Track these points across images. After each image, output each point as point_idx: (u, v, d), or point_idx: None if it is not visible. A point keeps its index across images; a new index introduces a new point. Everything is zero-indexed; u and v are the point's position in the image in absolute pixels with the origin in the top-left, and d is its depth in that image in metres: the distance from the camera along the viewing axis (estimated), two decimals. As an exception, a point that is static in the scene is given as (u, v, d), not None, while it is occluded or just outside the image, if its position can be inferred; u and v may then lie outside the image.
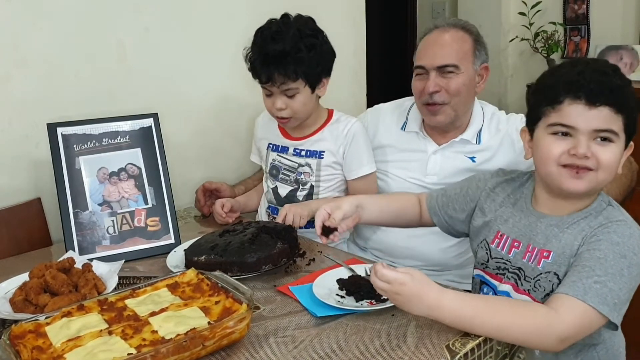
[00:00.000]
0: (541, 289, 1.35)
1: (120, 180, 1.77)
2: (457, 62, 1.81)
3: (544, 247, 1.36)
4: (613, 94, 1.27)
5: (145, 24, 2.11)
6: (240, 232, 1.63)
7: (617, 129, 1.28)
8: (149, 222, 1.77)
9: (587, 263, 1.24)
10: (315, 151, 1.91)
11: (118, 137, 1.79)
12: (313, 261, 1.66)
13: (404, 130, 1.99)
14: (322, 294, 1.41)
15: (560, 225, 1.36)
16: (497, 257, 1.46)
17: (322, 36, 1.82)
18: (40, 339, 1.18)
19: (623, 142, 1.30)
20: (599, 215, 1.34)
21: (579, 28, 4.01)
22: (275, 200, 1.98)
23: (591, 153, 1.27)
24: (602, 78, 1.28)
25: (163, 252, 1.72)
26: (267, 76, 1.76)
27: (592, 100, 1.26)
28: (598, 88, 1.26)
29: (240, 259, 1.53)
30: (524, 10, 3.92)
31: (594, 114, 1.26)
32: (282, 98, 1.80)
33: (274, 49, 1.72)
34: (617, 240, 1.26)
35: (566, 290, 1.22)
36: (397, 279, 1.20)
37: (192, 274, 1.42)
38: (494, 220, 1.50)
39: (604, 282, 1.21)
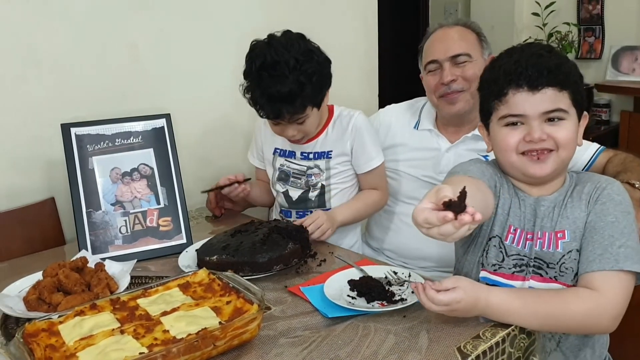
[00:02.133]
0: (568, 271, 1.34)
1: (132, 180, 1.78)
2: (469, 51, 1.87)
3: (554, 229, 1.37)
4: (552, 74, 1.31)
5: (158, 24, 2.13)
6: (252, 232, 1.64)
7: (565, 105, 1.32)
8: (161, 222, 1.78)
9: (605, 232, 1.28)
10: (322, 152, 1.91)
11: (131, 137, 1.80)
12: (324, 262, 1.65)
13: (417, 129, 2.01)
14: (333, 294, 1.41)
15: (557, 203, 1.38)
16: (514, 254, 1.40)
17: (318, 54, 1.76)
18: (53, 338, 1.19)
19: (575, 116, 1.35)
20: (584, 182, 1.38)
21: (593, 28, 3.99)
22: (287, 203, 1.97)
23: (546, 135, 1.32)
24: (539, 61, 1.31)
25: (175, 252, 1.73)
26: (275, 114, 1.74)
27: (534, 84, 1.30)
28: (536, 72, 1.30)
29: (251, 259, 1.53)
30: (538, 11, 3.90)
31: (539, 98, 1.30)
32: (292, 126, 1.79)
33: (278, 90, 1.68)
34: (618, 199, 1.31)
35: (599, 266, 1.25)
36: (454, 299, 1.20)
37: (203, 274, 1.43)
38: (504, 215, 1.43)
39: (626, 243, 1.26)
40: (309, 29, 1.83)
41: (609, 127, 3.81)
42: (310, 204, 1.93)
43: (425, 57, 1.93)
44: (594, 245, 1.28)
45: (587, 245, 1.30)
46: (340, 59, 1.80)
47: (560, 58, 1.34)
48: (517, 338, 1.29)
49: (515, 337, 1.28)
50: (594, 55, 4.01)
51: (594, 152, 1.83)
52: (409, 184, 1.98)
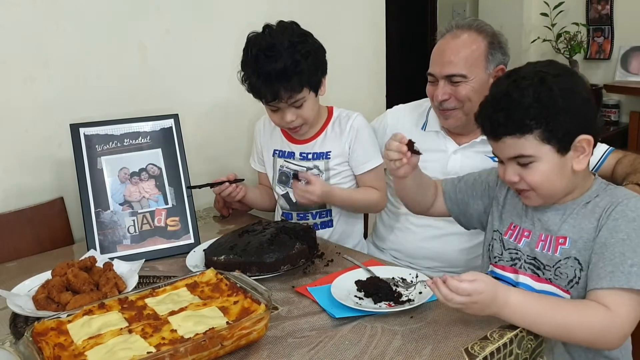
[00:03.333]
0: (563, 275, 1.35)
1: (141, 180, 1.79)
2: (466, 72, 1.79)
3: (558, 233, 1.37)
4: (507, 124, 1.29)
5: (166, 25, 2.13)
6: (260, 233, 1.64)
7: (530, 150, 1.29)
8: (169, 222, 1.79)
9: (616, 249, 1.25)
10: (321, 153, 1.91)
11: (139, 137, 1.81)
12: (331, 262, 1.66)
13: (424, 130, 1.99)
14: (340, 295, 1.41)
15: (567, 210, 1.37)
16: (510, 247, 1.46)
17: (311, 38, 1.79)
18: (62, 337, 1.19)
19: (551, 152, 1.29)
20: (604, 196, 1.35)
21: (603, 29, 3.97)
22: (289, 205, 1.97)
23: (518, 177, 1.34)
24: (498, 107, 1.30)
25: (183, 252, 1.73)
26: (273, 95, 1.74)
27: (493, 135, 1.33)
28: (490, 124, 1.32)
29: (259, 259, 1.53)
30: (546, 11, 3.88)
31: (501, 146, 1.33)
32: (291, 110, 1.79)
33: (273, 67, 1.70)
34: (632, 216, 1.28)
35: (609, 284, 1.23)
36: (476, 289, 1.19)
37: (211, 273, 1.43)
38: (505, 211, 1.50)
39: (638, 262, 1.23)
40: (317, 29, 1.84)
41: (618, 128, 3.78)
42: (310, 206, 1.93)
43: (430, 64, 1.89)
44: (605, 262, 1.25)
45: (598, 261, 1.27)
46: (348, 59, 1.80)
47: (535, 92, 1.26)
48: (525, 340, 1.29)
49: (522, 339, 1.28)
50: (603, 56, 3.99)
51: (603, 153, 1.81)
52: None
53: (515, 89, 1.28)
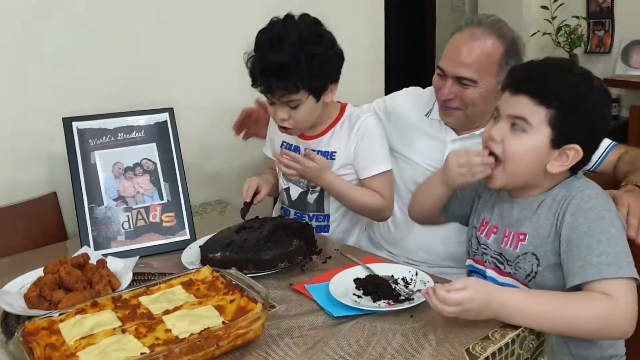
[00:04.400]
0: (521, 270, 1.37)
1: (135, 175, 1.76)
2: (477, 77, 1.73)
3: (519, 230, 1.38)
4: (538, 85, 1.29)
5: (161, 16, 2.10)
6: (257, 229, 1.61)
7: (533, 119, 1.28)
8: (164, 218, 1.76)
9: (581, 243, 1.25)
10: (326, 152, 1.83)
11: (133, 131, 1.78)
12: (330, 259, 1.63)
13: (428, 116, 1.95)
14: (338, 293, 1.38)
15: (529, 207, 1.38)
16: (482, 243, 1.48)
17: (327, 41, 1.68)
18: (53, 336, 1.16)
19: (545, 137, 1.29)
20: (561, 188, 1.35)
21: (603, 22, 3.94)
22: (288, 201, 1.93)
23: (500, 137, 1.32)
24: (539, 70, 1.33)
25: (178, 248, 1.70)
26: (267, 87, 1.67)
27: (517, 86, 1.31)
28: (523, 78, 1.32)
29: (255, 256, 1.51)
30: (546, 4, 3.86)
31: (514, 100, 1.31)
32: (284, 109, 1.70)
33: (272, 59, 1.62)
34: (587, 206, 1.27)
35: (582, 279, 1.22)
36: (466, 298, 1.17)
37: (207, 271, 1.40)
38: (481, 208, 1.51)
39: (606, 250, 1.22)
40: (315, 22, 1.79)
41: (618, 122, 3.76)
42: (308, 207, 1.87)
43: (442, 56, 1.83)
44: (574, 259, 1.25)
45: (568, 259, 1.27)
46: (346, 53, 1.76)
47: (578, 83, 1.29)
48: (527, 339, 1.27)
49: (524, 339, 1.26)
50: (604, 50, 3.97)
51: (605, 148, 1.78)
52: (409, 170, 1.94)
53: (563, 66, 1.32)
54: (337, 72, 1.74)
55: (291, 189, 1.90)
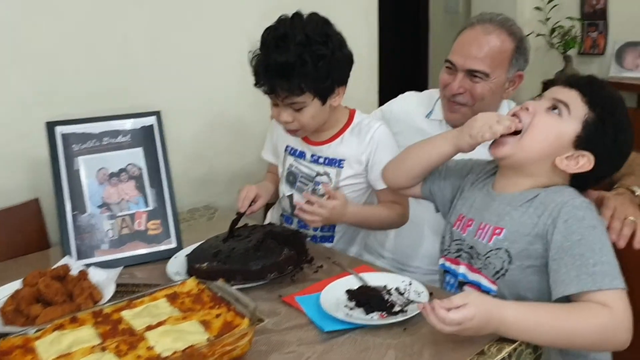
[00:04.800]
0: (491, 266, 1.34)
1: (120, 181, 1.70)
2: (489, 70, 1.73)
3: (497, 224, 1.36)
4: (590, 84, 1.35)
5: (149, 18, 2.04)
6: (245, 238, 1.56)
7: (574, 105, 1.31)
8: (149, 226, 1.70)
9: (575, 251, 1.22)
10: (334, 159, 1.76)
11: (119, 136, 1.72)
12: (321, 268, 1.58)
13: (429, 117, 1.94)
14: (329, 305, 1.33)
15: (512, 203, 1.36)
16: (457, 238, 1.46)
17: (336, 42, 1.62)
18: (28, 355, 1.10)
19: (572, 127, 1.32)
20: (549, 192, 1.33)
21: (597, 24, 3.91)
22: (291, 209, 1.85)
23: (534, 109, 1.35)
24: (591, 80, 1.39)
25: (164, 257, 1.65)
26: (270, 88, 1.60)
27: (569, 83, 1.36)
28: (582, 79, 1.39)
29: (244, 267, 1.45)
30: (540, 5, 3.83)
31: (564, 90, 1.36)
32: (288, 111, 1.64)
33: (276, 59, 1.55)
34: (580, 215, 1.26)
35: (577, 288, 1.19)
36: (466, 317, 1.12)
37: (192, 283, 1.35)
38: (460, 204, 1.49)
39: (600, 260, 1.20)
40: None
41: (613, 124, 3.73)
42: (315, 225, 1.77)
43: (451, 51, 1.81)
44: (567, 267, 1.22)
45: (559, 267, 1.23)
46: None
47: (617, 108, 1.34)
48: (524, 353, 1.23)
49: (521, 353, 1.22)
50: (598, 51, 3.94)
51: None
52: None
53: (616, 92, 1.37)
54: (345, 74, 1.68)
55: (295, 196, 1.83)
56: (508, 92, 1.84)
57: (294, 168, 1.83)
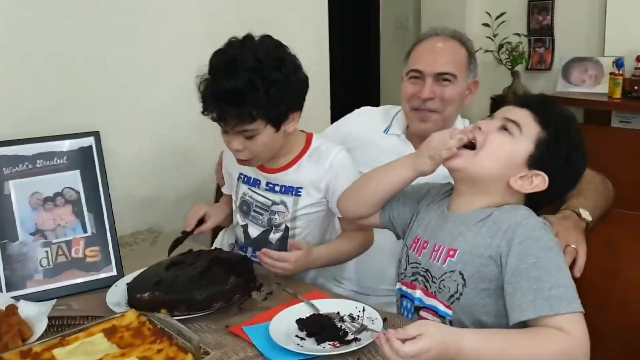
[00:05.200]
0: (446, 289, 1.29)
1: (56, 206, 1.60)
2: (456, 72, 1.77)
3: (450, 245, 1.32)
4: (537, 102, 1.34)
5: (89, 35, 1.95)
6: (189, 265, 1.48)
7: (523, 123, 1.30)
8: (87, 253, 1.60)
9: (531, 274, 1.18)
10: (291, 187, 1.67)
11: (54, 158, 1.62)
12: (270, 295, 1.50)
13: (387, 133, 1.92)
14: (279, 336, 1.26)
15: (466, 223, 1.32)
16: (413, 262, 1.40)
17: (290, 66, 1.53)
18: (-56, 405, 1.00)
19: (525, 148, 1.29)
20: (504, 213, 1.29)
21: (544, 39, 3.98)
22: (244, 240, 1.76)
23: (487, 129, 1.32)
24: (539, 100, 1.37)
25: (103, 286, 1.55)
26: (219, 115, 1.51)
27: (522, 103, 1.34)
28: (533, 101, 1.35)
29: (187, 296, 1.37)
30: (488, 22, 3.86)
31: (515, 110, 1.34)
32: (239, 139, 1.54)
33: (225, 85, 1.45)
34: (536, 235, 1.22)
35: (534, 313, 1.15)
36: (422, 349, 1.06)
37: (132, 315, 1.26)
38: (416, 226, 1.45)
39: (557, 283, 1.17)
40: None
41: (560, 139, 3.78)
42: (270, 248, 1.67)
43: (411, 62, 1.82)
44: (524, 291, 1.18)
45: (515, 290, 1.19)
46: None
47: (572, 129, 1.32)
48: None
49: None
50: (545, 66, 4.00)
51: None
52: None
53: (568, 112, 1.34)
54: (300, 99, 1.59)
55: (250, 227, 1.74)
56: (468, 100, 1.85)
57: (248, 197, 1.74)
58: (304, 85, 1.59)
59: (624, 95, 3.39)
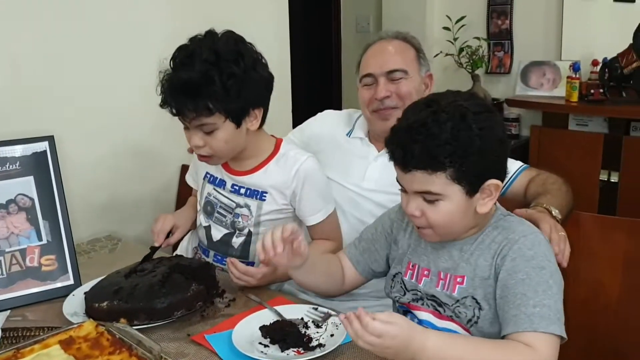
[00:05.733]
0: (462, 314, 1.27)
1: (9, 213, 1.54)
2: (406, 67, 1.79)
3: (456, 272, 1.30)
4: (422, 157, 1.19)
5: (41, 34, 1.89)
6: (150, 272, 1.44)
7: (438, 188, 1.20)
8: (43, 261, 1.55)
9: (517, 290, 1.18)
10: (256, 191, 1.66)
11: (7, 164, 1.56)
12: (233, 301, 1.48)
13: (349, 136, 1.93)
14: (242, 344, 1.24)
15: (463, 248, 1.30)
16: (412, 289, 1.37)
17: (249, 61, 1.52)
18: None
19: (460, 192, 1.21)
20: (500, 229, 1.28)
21: (503, 43, 4.03)
22: (207, 242, 1.74)
23: (420, 212, 1.25)
24: (410, 139, 1.19)
25: (60, 296, 1.51)
26: (177, 109, 1.50)
27: (403, 165, 1.22)
28: (402, 154, 1.21)
29: (148, 305, 1.34)
30: (449, 25, 3.89)
31: (409, 177, 1.23)
32: (199, 134, 1.53)
33: (181, 77, 1.46)
34: (530, 254, 1.21)
35: (514, 328, 1.15)
36: (389, 333, 1.06)
37: (90, 326, 1.23)
38: (405, 252, 1.41)
39: (541, 302, 1.15)
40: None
41: (519, 141, 3.83)
42: (232, 252, 1.69)
43: (362, 69, 1.86)
44: (509, 306, 1.18)
45: (503, 305, 1.20)
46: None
47: (454, 129, 1.17)
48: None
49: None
50: (504, 70, 4.04)
51: (515, 171, 1.76)
52: (335, 193, 1.84)
53: (434, 122, 1.18)
54: (261, 96, 1.58)
55: (212, 228, 1.72)
56: (427, 94, 1.85)
57: (212, 197, 1.72)
58: (265, 82, 1.58)
59: (581, 99, 3.45)
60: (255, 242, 1.67)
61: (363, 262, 1.49)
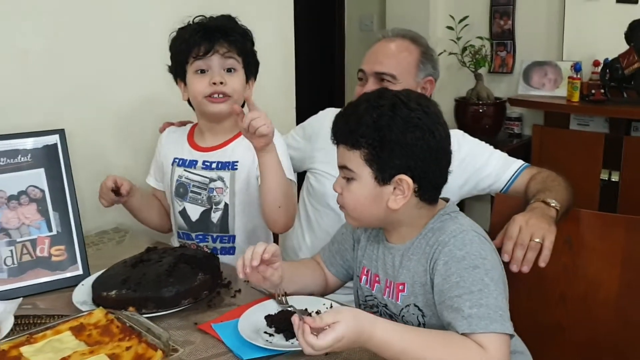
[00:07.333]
0: (409, 323, 1.28)
1: (20, 204, 1.58)
2: (396, 73, 1.81)
3: (397, 279, 1.31)
4: (344, 132, 1.28)
5: (52, 29, 1.92)
6: (156, 262, 1.48)
7: (353, 165, 1.26)
8: (53, 252, 1.59)
9: (453, 293, 1.18)
10: (227, 162, 1.73)
11: (18, 156, 1.60)
12: (239, 292, 1.51)
13: None
14: (248, 333, 1.27)
15: (405, 253, 1.31)
16: (368, 294, 1.40)
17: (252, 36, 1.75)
18: None
19: (369, 176, 1.25)
20: (435, 231, 1.28)
21: (505, 43, 4.05)
22: (187, 225, 1.78)
23: (340, 189, 1.32)
24: (341, 115, 1.30)
25: (69, 285, 1.54)
26: (209, 45, 1.64)
27: (333, 139, 1.32)
28: (334, 129, 1.31)
29: (156, 294, 1.37)
30: (452, 25, 3.92)
31: (339, 152, 1.31)
32: (221, 72, 1.67)
33: (216, 23, 1.68)
34: (460, 255, 1.20)
35: (455, 331, 1.15)
36: (335, 339, 1.06)
37: (100, 314, 1.26)
38: (363, 254, 1.43)
39: (478, 302, 1.14)
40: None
41: (521, 141, 3.86)
42: (212, 228, 1.74)
43: (361, 63, 1.90)
44: (448, 311, 1.18)
45: (442, 310, 1.20)
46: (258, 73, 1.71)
47: (379, 113, 1.22)
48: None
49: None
50: (506, 70, 4.07)
51: (516, 170, 1.79)
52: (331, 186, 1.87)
53: (365, 102, 1.26)
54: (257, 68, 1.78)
55: (188, 208, 1.76)
56: None
57: (184, 179, 1.77)
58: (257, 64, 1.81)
59: (582, 99, 3.47)
60: (233, 215, 1.73)
61: (336, 264, 1.51)
